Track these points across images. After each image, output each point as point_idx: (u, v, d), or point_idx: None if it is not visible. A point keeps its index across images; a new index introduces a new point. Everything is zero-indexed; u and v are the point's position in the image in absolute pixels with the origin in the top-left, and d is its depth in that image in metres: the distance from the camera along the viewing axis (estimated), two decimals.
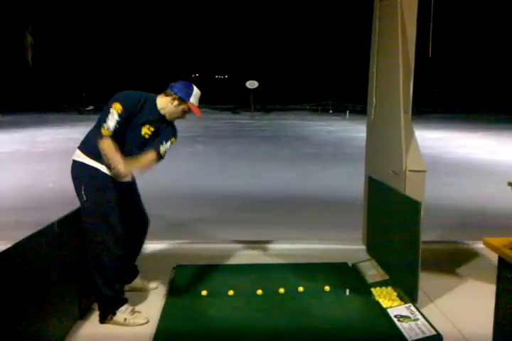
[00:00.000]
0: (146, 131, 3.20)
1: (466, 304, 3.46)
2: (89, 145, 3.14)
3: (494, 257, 2.50)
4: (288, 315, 3.28)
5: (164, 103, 3.23)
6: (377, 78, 4.52)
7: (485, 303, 2.78)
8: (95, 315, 3.26)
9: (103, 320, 3.17)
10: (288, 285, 3.73)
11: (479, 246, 4.32)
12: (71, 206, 3.16)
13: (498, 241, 2.50)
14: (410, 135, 3.96)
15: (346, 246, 4.74)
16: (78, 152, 3.19)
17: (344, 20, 30.37)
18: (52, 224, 2.77)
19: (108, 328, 3.13)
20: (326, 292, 3.65)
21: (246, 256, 4.45)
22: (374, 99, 4.58)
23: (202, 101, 3.34)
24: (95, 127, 3.16)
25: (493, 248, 2.47)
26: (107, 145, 2.98)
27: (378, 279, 3.79)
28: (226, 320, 3.22)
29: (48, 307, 2.75)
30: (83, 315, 3.24)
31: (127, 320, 3.15)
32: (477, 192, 7.87)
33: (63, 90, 31.19)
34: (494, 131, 18.24)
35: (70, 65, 33.02)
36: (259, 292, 3.59)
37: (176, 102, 3.21)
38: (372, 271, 3.95)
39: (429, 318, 3.14)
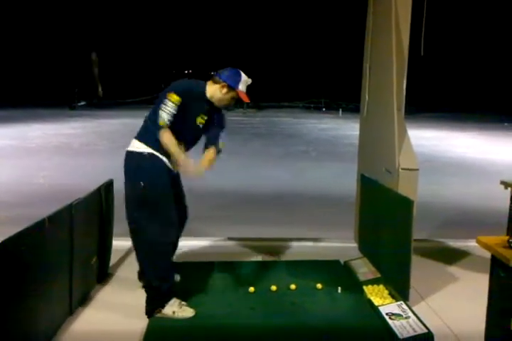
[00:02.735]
0: (200, 120, 3.22)
1: (457, 302, 3.47)
2: (147, 135, 3.13)
3: (487, 256, 2.51)
4: (280, 313, 3.28)
5: (213, 91, 3.22)
6: (371, 76, 4.51)
7: (477, 302, 2.78)
8: (86, 312, 3.24)
9: (151, 312, 3.14)
10: (280, 282, 3.73)
11: (472, 244, 4.31)
12: (62, 201, 3.13)
13: (491, 239, 2.51)
14: (403, 133, 3.96)
15: (338, 243, 4.75)
16: (136, 142, 3.16)
17: (338, 18, 30.37)
18: (44, 219, 2.74)
19: (99, 325, 3.11)
20: (318, 289, 3.64)
21: (238, 254, 4.44)
22: (367, 97, 4.57)
23: None
24: (151, 117, 3.14)
25: (486, 246, 2.48)
26: (168, 139, 3.00)
27: (370, 277, 3.80)
28: (218, 316, 3.21)
29: (38, 304, 2.72)
30: (74, 311, 3.21)
31: (176, 313, 3.14)
32: (470, 191, 7.90)
33: (55, 85, 30.98)
34: (486, 131, 18.33)
35: (62, 60, 32.81)
36: (251, 289, 3.58)
37: (224, 90, 3.20)
38: (364, 269, 3.95)
39: (420, 316, 3.14)
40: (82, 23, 31.56)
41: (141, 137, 3.17)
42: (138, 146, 3.13)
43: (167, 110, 2.99)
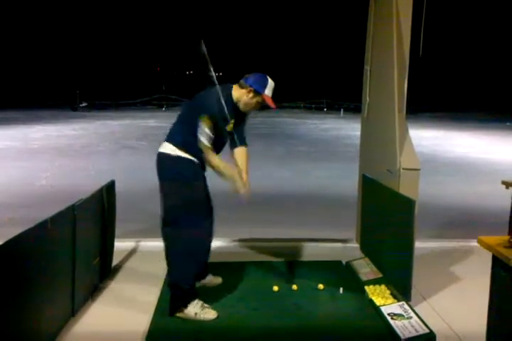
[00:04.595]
0: (230, 126, 3.26)
1: (459, 302, 3.47)
2: (179, 139, 3.20)
3: (488, 256, 2.50)
4: (282, 313, 3.28)
5: (239, 95, 3.27)
6: (372, 76, 4.52)
7: (478, 302, 2.78)
8: (88, 313, 3.25)
9: (174, 311, 3.17)
10: (282, 283, 3.73)
11: (473, 244, 4.31)
12: (64, 203, 3.14)
13: (492, 239, 2.50)
14: (404, 133, 3.97)
15: (340, 244, 4.75)
16: (169, 145, 3.22)
17: (339, 19, 30.36)
18: (46, 220, 2.75)
19: (101, 326, 3.11)
20: (319, 290, 3.65)
21: (239, 254, 4.44)
22: (368, 98, 4.58)
23: None
24: (182, 123, 3.24)
25: (488, 246, 2.47)
26: (218, 163, 3.13)
27: (372, 277, 3.80)
28: (219, 317, 3.21)
29: (41, 305, 2.73)
30: (76, 313, 3.22)
31: (198, 315, 3.16)
32: (471, 191, 7.90)
33: (57, 87, 31.02)
34: (486, 130, 18.33)
35: (64, 61, 32.83)
36: (253, 290, 3.58)
37: (251, 94, 3.24)
38: (365, 269, 3.95)
39: (422, 316, 3.14)
40: (84, 23, 31.59)
41: (173, 140, 3.23)
42: (170, 148, 3.20)
43: (205, 135, 3.05)
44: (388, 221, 3.75)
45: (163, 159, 3.25)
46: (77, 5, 29.88)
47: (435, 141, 14.68)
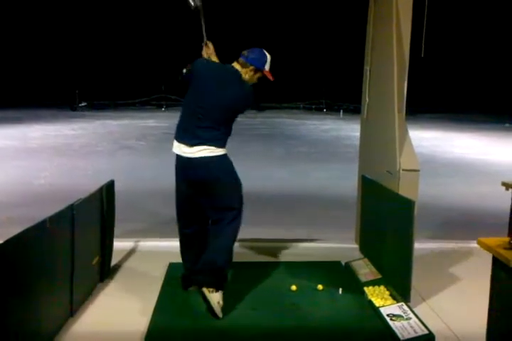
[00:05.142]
0: None
1: (459, 304, 3.47)
2: (216, 141, 3.31)
3: (488, 257, 2.50)
4: (281, 314, 3.27)
5: (242, 73, 3.38)
6: (372, 77, 4.52)
7: (478, 303, 2.78)
8: (87, 313, 3.24)
9: (212, 285, 3.23)
10: (281, 283, 3.73)
11: (473, 245, 4.31)
12: (63, 202, 3.13)
13: (492, 241, 2.50)
14: (404, 134, 3.96)
15: (339, 244, 4.74)
16: (210, 147, 3.29)
17: (339, 19, 30.38)
18: (45, 220, 2.74)
19: (100, 326, 3.11)
20: (318, 291, 3.65)
21: (239, 254, 4.41)
22: (367, 99, 4.57)
23: None
24: (206, 128, 3.30)
25: (488, 248, 2.47)
26: None
27: (371, 278, 3.79)
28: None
29: (40, 305, 2.72)
30: (75, 312, 3.21)
31: (219, 304, 3.20)
32: (470, 192, 7.90)
33: (56, 86, 30.99)
34: (485, 131, 18.33)
35: (63, 61, 32.82)
36: (252, 290, 3.58)
37: (252, 72, 3.37)
38: (365, 270, 3.94)
39: (421, 317, 3.14)
40: (83, 23, 31.58)
41: (211, 142, 3.31)
42: (213, 149, 3.30)
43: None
44: (388, 222, 3.75)
45: (214, 162, 3.33)
46: (76, 5, 29.86)
47: (435, 142, 14.67)
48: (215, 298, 3.20)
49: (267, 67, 3.39)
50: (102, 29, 32.35)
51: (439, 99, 30.87)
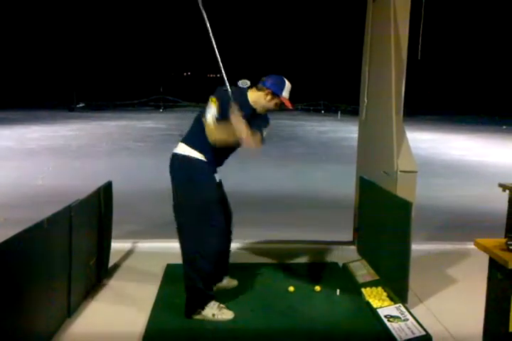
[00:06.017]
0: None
1: (456, 305, 3.47)
2: (195, 140, 3.20)
3: (485, 258, 2.51)
4: (278, 315, 3.27)
5: (256, 97, 3.30)
6: (370, 79, 4.53)
7: (475, 304, 2.79)
8: (85, 314, 3.24)
9: (191, 313, 3.17)
10: (278, 285, 3.73)
11: (470, 246, 4.32)
12: (60, 203, 3.13)
13: (489, 242, 2.51)
14: (402, 136, 3.97)
15: (337, 246, 4.74)
16: (183, 146, 3.22)
17: (337, 21, 30.43)
18: (42, 221, 2.74)
19: (97, 327, 3.10)
20: (316, 292, 3.64)
21: (236, 256, 4.42)
22: (366, 100, 4.58)
23: (194, 99, 3.34)
24: (196, 123, 3.22)
25: (484, 249, 2.48)
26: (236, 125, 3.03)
27: (368, 279, 3.80)
28: (216, 318, 3.20)
29: (36, 306, 2.72)
30: (72, 314, 3.21)
31: (215, 316, 3.17)
32: (467, 193, 7.92)
33: (54, 87, 30.99)
34: (482, 133, 18.40)
35: (61, 62, 32.80)
36: (250, 291, 3.58)
37: (269, 97, 3.28)
38: (362, 271, 3.95)
39: (418, 318, 3.14)
40: (81, 25, 31.57)
41: (188, 140, 3.24)
42: (184, 148, 3.20)
43: (210, 112, 3.09)
44: (385, 223, 3.75)
45: (175, 160, 3.24)
46: (75, 6, 29.88)
47: (432, 144, 14.72)
48: (207, 315, 3.17)
49: (285, 93, 3.29)
50: (100, 31, 32.35)
51: (436, 101, 30.93)
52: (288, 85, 3.31)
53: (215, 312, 3.18)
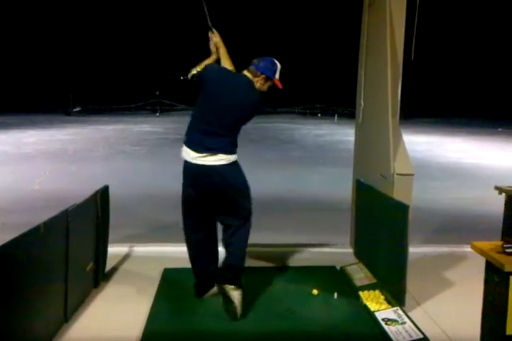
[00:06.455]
0: None
1: (453, 308, 3.47)
2: (225, 147, 3.34)
3: (482, 261, 2.51)
4: (276, 319, 3.27)
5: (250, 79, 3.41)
6: (366, 82, 4.54)
7: (472, 307, 2.78)
8: (81, 319, 3.23)
9: (239, 284, 3.33)
10: (276, 288, 3.73)
11: (467, 249, 4.33)
12: (57, 207, 3.12)
13: (485, 245, 2.51)
14: (398, 139, 3.98)
15: (334, 249, 4.75)
16: (223, 155, 3.31)
17: (333, 23, 30.53)
18: (39, 225, 2.73)
19: (94, 332, 3.09)
20: (314, 295, 3.64)
21: None
22: (362, 103, 4.60)
23: (191, 103, 3.39)
24: (217, 134, 3.31)
25: (481, 252, 2.48)
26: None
27: (366, 282, 3.80)
28: (213, 322, 3.20)
29: (33, 310, 2.71)
30: (69, 318, 3.20)
31: (240, 301, 3.28)
32: (464, 196, 7.93)
33: (51, 91, 30.95)
34: (479, 136, 18.44)
35: (58, 66, 32.78)
36: (248, 295, 3.57)
37: (263, 81, 3.40)
38: (360, 275, 3.95)
39: (416, 322, 3.15)
40: (78, 28, 31.58)
41: (222, 149, 3.34)
42: (230, 157, 3.35)
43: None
44: (382, 226, 3.76)
45: (228, 168, 3.34)
46: (72, 10, 29.89)
47: (428, 146, 14.74)
48: (237, 294, 3.27)
49: (277, 75, 3.41)
50: (97, 34, 32.35)
51: (433, 104, 31.01)
52: (279, 66, 3.43)
53: (241, 299, 3.31)
